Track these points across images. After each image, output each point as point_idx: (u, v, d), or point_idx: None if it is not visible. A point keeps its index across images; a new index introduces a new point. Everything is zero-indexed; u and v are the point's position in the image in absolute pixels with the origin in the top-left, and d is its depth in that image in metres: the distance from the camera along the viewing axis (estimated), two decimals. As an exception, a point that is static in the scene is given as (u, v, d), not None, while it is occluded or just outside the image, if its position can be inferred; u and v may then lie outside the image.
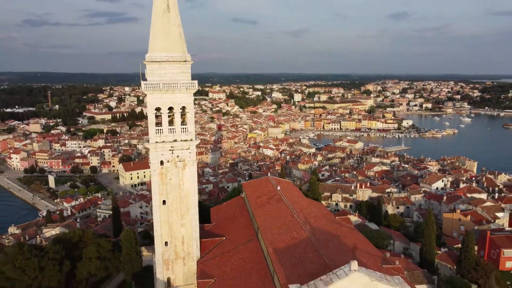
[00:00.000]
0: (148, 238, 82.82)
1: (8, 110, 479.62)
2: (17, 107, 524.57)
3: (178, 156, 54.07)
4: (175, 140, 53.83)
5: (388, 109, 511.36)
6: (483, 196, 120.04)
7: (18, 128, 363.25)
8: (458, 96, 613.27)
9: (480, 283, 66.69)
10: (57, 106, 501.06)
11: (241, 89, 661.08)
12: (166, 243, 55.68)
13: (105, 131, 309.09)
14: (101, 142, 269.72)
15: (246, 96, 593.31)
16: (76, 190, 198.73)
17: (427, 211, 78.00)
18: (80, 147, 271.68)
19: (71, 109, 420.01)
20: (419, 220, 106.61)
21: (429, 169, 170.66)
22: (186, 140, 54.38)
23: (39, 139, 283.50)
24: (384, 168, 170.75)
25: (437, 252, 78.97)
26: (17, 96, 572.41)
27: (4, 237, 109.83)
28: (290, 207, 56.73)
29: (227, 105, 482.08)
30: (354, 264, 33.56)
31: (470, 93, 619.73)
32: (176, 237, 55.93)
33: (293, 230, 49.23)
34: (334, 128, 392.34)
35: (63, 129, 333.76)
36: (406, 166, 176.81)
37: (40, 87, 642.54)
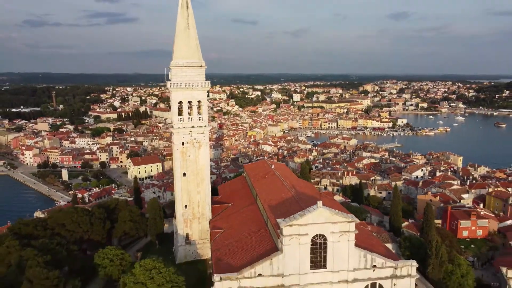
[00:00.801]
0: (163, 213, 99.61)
1: (14, 110, 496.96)
2: (22, 107, 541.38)
3: (195, 138, 71.10)
4: (193, 126, 70.85)
5: (384, 108, 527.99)
6: (456, 182, 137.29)
7: (26, 127, 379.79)
8: (454, 96, 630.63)
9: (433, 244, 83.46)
10: (61, 106, 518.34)
11: (241, 89, 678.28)
12: (185, 206, 72.73)
13: (111, 129, 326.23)
14: (108, 140, 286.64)
15: (246, 96, 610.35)
16: (88, 182, 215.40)
17: (394, 188, 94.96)
18: (88, 144, 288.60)
19: (76, 108, 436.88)
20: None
21: (414, 162, 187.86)
22: (201, 127, 71.42)
23: (49, 136, 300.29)
24: (373, 161, 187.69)
25: (405, 222, 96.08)
26: (21, 96, 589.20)
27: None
28: (281, 179, 73.77)
29: (228, 105, 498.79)
30: (320, 203, 50.67)
31: (466, 93, 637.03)
32: (193, 201, 72.97)
33: (282, 193, 66.19)
34: (331, 127, 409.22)
35: (71, 127, 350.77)
36: (394, 159, 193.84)
37: (43, 88, 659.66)
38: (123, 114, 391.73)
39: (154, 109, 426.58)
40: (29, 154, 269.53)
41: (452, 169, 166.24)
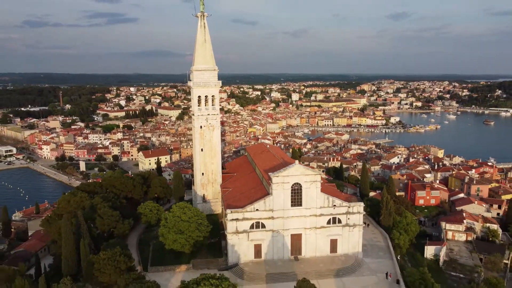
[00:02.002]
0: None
1: (23, 109, 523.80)
2: (29, 106, 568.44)
3: (210, 123, 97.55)
4: (208, 114, 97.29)
5: (380, 107, 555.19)
6: (426, 167, 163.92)
7: (38, 124, 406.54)
8: (448, 95, 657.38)
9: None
10: (67, 106, 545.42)
11: (241, 89, 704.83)
12: (202, 174, 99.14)
13: (121, 126, 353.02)
14: (119, 135, 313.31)
15: (246, 96, 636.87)
16: (104, 172, 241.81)
17: (363, 165, 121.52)
18: (101, 139, 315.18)
19: (85, 107, 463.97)
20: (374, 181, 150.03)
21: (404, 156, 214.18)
22: (214, 114, 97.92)
23: (64, 132, 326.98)
24: (360, 151, 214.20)
25: (373, 193, 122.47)
26: (29, 96, 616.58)
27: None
28: (274, 154, 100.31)
29: (229, 104, 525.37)
30: (296, 162, 77.23)
31: (459, 92, 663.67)
32: (208, 170, 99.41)
33: (274, 162, 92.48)
34: (327, 124, 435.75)
35: (82, 124, 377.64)
36: (378, 150, 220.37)
37: (49, 88, 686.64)
38: (130, 112, 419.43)
39: (159, 108, 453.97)
40: (46, 149, 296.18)
41: (426, 157, 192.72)
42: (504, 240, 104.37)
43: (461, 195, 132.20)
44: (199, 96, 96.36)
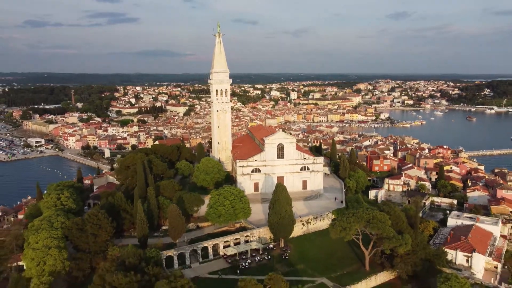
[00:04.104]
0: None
1: (37, 106, 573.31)
2: (42, 104, 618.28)
3: (223, 108, 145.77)
4: (222, 102, 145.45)
5: (373, 105, 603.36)
6: (390, 148, 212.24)
7: (56, 120, 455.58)
8: (438, 94, 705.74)
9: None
10: (78, 103, 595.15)
11: (242, 88, 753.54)
12: (218, 143, 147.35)
13: (135, 120, 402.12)
14: (135, 128, 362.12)
15: (247, 95, 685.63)
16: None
17: (332, 141, 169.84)
18: (118, 132, 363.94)
19: (98, 104, 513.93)
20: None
21: (374, 140, 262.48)
22: (226, 102, 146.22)
23: (86, 126, 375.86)
24: (342, 139, 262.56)
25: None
26: (42, 95, 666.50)
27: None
28: (267, 129, 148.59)
29: (231, 101, 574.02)
30: (280, 130, 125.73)
31: (450, 91, 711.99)
32: (222, 141, 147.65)
33: (267, 133, 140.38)
34: (322, 120, 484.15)
35: (99, 119, 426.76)
36: (358, 138, 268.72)
37: (60, 87, 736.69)
38: (142, 108, 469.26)
39: (167, 105, 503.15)
40: (72, 140, 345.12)
41: (394, 142, 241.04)
42: (432, 192, 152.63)
43: (410, 165, 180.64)
44: (216, 90, 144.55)
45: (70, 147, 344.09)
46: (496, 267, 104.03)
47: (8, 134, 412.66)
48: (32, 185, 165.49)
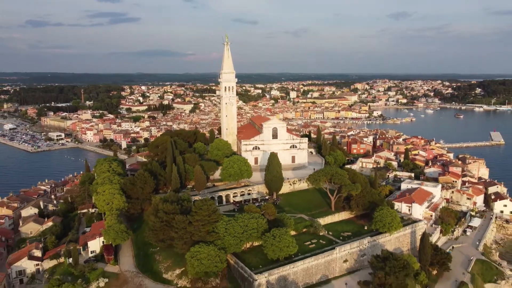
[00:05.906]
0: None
1: (48, 104, 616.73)
2: (53, 103, 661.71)
3: (230, 101, 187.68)
4: (230, 96, 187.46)
5: (369, 104, 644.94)
6: (370, 137, 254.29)
7: (70, 117, 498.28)
8: (432, 93, 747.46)
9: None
10: (87, 102, 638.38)
11: (243, 87, 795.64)
12: (226, 129, 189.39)
13: (146, 117, 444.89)
14: (147, 123, 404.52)
15: (248, 94, 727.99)
16: (142, 148, 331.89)
17: (317, 128, 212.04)
18: (131, 126, 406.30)
19: (108, 102, 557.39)
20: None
21: (358, 131, 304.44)
22: (233, 97, 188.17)
23: (101, 121, 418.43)
24: (332, 131, 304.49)
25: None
26: (52, 94, 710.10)
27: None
28: (265, 118, 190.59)
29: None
30: (274, 117, 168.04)
31: (443, 90, 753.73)
32: (230, 127, 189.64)
33: (267, 120, 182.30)
34: (318, 118, 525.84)
35: (111, 116, 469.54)
36: (345, 130, 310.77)
37: (69, 87, 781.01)
38: (151, 106, 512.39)
39: (174, 103, 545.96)
40: (90, 133, 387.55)
41: (375, 133, 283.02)
42: (398, 170, 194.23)
43: (384, 149, 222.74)
44: (225, 87, 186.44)
45: (88, 140, 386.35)
46: (431, 216, 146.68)
47: (28, 129, 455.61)
48: (62, 169, 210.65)
